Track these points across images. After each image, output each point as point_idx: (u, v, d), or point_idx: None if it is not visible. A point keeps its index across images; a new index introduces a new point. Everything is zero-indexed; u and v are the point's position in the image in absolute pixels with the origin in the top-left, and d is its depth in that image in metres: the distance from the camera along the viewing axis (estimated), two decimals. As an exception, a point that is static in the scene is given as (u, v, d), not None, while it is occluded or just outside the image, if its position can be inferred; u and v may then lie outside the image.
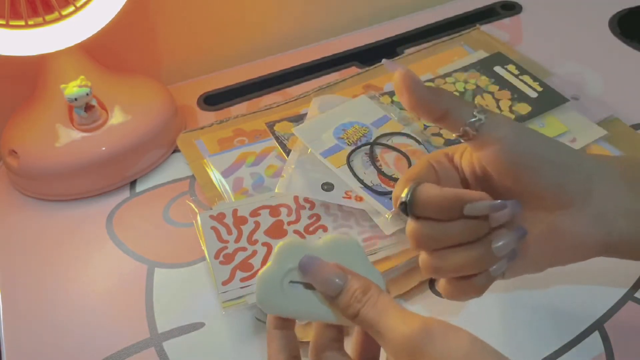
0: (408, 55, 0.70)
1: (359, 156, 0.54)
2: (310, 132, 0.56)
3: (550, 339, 0.45)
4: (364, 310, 0.33)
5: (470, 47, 0.70)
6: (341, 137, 0.55)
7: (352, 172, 0.52)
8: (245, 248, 0.49)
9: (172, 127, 0.62)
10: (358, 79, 0.67)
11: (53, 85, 0.57)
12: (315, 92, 0.66)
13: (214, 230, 0.50)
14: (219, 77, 0.71)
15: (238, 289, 0.46)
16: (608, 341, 0.44)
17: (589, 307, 0.46)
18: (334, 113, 0.59)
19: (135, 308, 0.49)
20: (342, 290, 0.33)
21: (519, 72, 0.64)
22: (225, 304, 0.45)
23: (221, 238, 0.50)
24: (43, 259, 0.54)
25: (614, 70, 0.67)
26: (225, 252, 0.49)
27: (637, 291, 0.47)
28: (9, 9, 0.51)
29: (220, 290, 0.46)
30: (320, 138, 0.56)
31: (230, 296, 0.46)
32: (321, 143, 0.55)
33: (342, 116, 0.58)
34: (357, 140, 0.56)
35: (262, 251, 0.49)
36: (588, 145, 0.56)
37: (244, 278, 0.47)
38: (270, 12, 0.75)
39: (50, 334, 0.48)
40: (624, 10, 0.75)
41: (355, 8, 0.79)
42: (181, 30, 0.71)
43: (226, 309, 0.45)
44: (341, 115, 0.58)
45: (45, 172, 0.57)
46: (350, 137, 0.56)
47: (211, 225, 0.50)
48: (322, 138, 0.56)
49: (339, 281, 0.33)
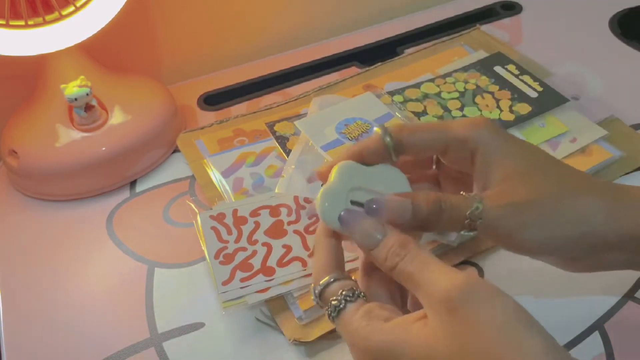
0: (408, 55, 0.70)
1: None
2: (312, 125, 0.58)
3: (550, 339, 0.45)
4: (402, 264, 0.33)
5: (470, 47, 0.70)
6: (343, 132, 0.56)
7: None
8: (245, 248, 0.49)
9: (172, 127, 0.62)
10: (358, 79, 0.67)
11: (53, 85, 0.57)
12: (315, 92, 0.66)
13: (214, 230, 0.50)
14: (219, 77, 0.71)
15: (238, 289, 0.46)
16: (608, 341, 0.44)
17: (589, 307, 0.46)
18: (338, 108, 0.60)
19: (135, 308, 0.49)
20: (379, 244, 0.34)
21: (519, 72, 0.64)
22: (225, 304, 0.45)
23: (221, 238, 0.50)
24: (43, 259, 0.54)
25: (614, 70, 0.67)
26: (225, 252, 0.49)
27: (637, 291, 0.47)
28: (9, 9, 0.51)
29: (221, 290, 0.46)
30: (323, 132, 0.57)
31: (230, 296, 0.46)
32: (323, 137, 0.56)
33: (346, 112, 0.59)
34: (358, 135, 0.56)
35: (262, 251, 0.49)
36: (588, 145, 0.56)
37: (244, 278, 0.47)
38: (270, 12, 0.75)
39: (50, 334, 0.48)
40: (624, 10, 0.75)
41: (355, 8, 0.79)
42: (181, 30, 0.71)
43: (226, 309, 0.45)
44: (345, 111, 0.59)
45: (45, 172, 0.57)
46: (352, 132, 0.56)
47: (211, 225, 0.50)
48: (325, 132, 0.57)
49: (377, 235, 0.34)
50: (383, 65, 0.69)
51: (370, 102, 0.60)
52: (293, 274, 0.47)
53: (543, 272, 0.49)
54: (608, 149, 0.56)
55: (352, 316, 0.33)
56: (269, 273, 0.47)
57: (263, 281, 0.47)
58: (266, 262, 0.48)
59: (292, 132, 0.59)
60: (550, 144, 0.57)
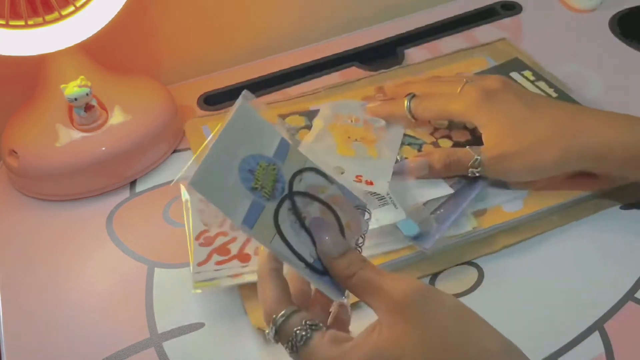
0: (427, 61, 0.69)
1: (285, 216, 0.37)
2: (214, 183, 0.35)
3: (550, 339, 0.45)
4: (363, 272, 0.36)
5: (492, 59, 0.68)
6: (254, 187, 0.36)
7: (287, 244, 0.37)
8: (226, 233, 0.50)
9: (172, 127, 0.62)
10: (370, 80, 0.67)
11: (53, 85, 0.57)
12: (324, 88, 0.66)
13: (200, 213, 0.51)
14: (219, 77, 0.71)
15: (212, 271, 0.47)
16: (608, 341, 0.44)
17: (589, 307, 0.46)
18: (226, 138, 0.36)
19: (135, 308, 0.49)
20: (346, 252, 0.37)
21: (535, 78, 0.63)
22: (197, 284, 0.46)
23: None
24: (43, 259, 0.54)
25: (614, 70, 0.67)
26: (207, 234, 0.50)
27: (637, 291, 0.47)
28: (9, 9, 0.51)
29: (195, 270, 0.47)
30: (230, 194, 0.35)
31: (203, 277, 0.47)
32: (232, 200, 0.35)
33: (238, 145, 0.37)
34: (272, 189, 0.37)
35: (243, 238, 0.49)
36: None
37: (219, 262, 0.48)
38: (270, 12, 0.75)
39: (50, 334, 0.48)
40: (624, 10, 0.75)
41: (355, 8, 0.79)
42: (181, 30, 0.71)
43: (197, 290, 0.47)
44: (236, 144, 0.37)
45: (45, 172, 0.57)
46: (264, 184, 0.37)
47: (199, 208, 0.51)
48: (231, 193, 0.35)
49: (343, 245, 0.37)
50: (400, 69, 0.68)
51: (251, 123, 0.38)
52: None
53: (543, 272, 0.49)
54: None
55: (319, 344, 0.35)
56: (244, 259, 0.48)
57: (238, 267, 0.47)
58: (244, 249, 0.49)
59: (302, 124, 0.60)
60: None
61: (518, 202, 0.52)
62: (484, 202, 0.52)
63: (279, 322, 0.36)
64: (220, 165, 0.36)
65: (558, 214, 0.52)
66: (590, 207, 0.53)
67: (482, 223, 0.51)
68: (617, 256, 0.50)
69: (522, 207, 0.52)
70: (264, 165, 0.37)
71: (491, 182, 0.53)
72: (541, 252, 0.50)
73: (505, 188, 0.53)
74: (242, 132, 0.37)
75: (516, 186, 0.53)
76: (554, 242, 0.51)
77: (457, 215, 0.50)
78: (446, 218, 0.50)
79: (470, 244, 0.50)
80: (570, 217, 0.52)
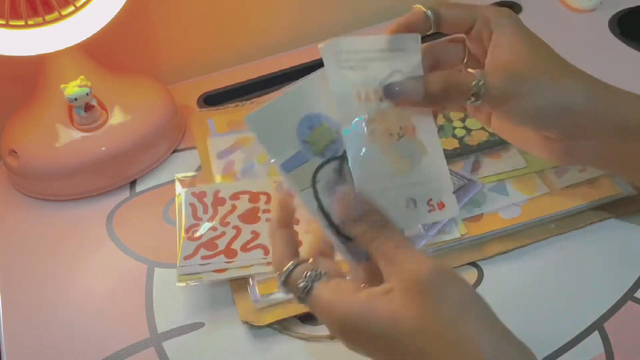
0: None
1: (326, 175, 0.37)
2: (268, 125, 0.36)
3: (550, 339, 0.45)
4: (382, 240, 0.34)
5: None
6: (306, 140, 0.36)
7: (317, 199, 0.36)
8: (215, 228, 0.50)
9: (172, 127, 0.62)
10: None
11: (53, 85, 0.57)
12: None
13: (192, 207, 0.52)
14: (218, 77, 0.71)
15: (197, 265, 0.48)
16: (608, 341, 0.44)
17: (589, 307, 0.46)
18: (298, 93, 0.38)
19: (135, 308, 0.49)
20: (362, 217, 0.35)
21: None
22: (181, 277, 0.47)
23: (196, 215, 0.51)
24: (43, 259, 0.54)
25: (614, 70, 0.67)
26: (196, 229, 0.50)
27: (636, 291, 0.47)
28: (9, 9, 0.51)
29: (181, 264, 0.47)
30: (279, 137, 0.36)
31: (188, 271, 0.47)
32: (279, 143, 0.36)
33: (309, 101, 0.37)
34: (324, 148, 0.37)
35: (231, 234, 0.50)
36: (597, 178, 0.54)
37: (205, 256, 0.48)
38: (270, 13, 0.75)
39: (50, 334, 0.48)
40: (624, 10, 0.75)
41: (355, 8, 0.79)
42: (181, 30, 0.71)
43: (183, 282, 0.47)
44: (307, 100, 0.37)
45: (45, 172, 0.57)
46: (316, 141, 0.37)
47: (190, 202, 0.52)
48: (281, 137, 0.36)
49: (360, 209, 0.35)
50: None
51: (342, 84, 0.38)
52: (254, 260, 0.48)
53: (543, 273, 0.49)
54: (619, 183, 0.53)
55: (320, 293, 0.35)
56: (230, 255, 0.48)
57: (223, 262, 0.48)
58: (231, 245, 0.49)
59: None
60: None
61: (515, 209, 0.51)
62: (480, 208, 0.52)
63: (283, 277, 0.36)
64: (282, 113, 0.37)
65: (556, 222, 0.51)
66: (588, 217, 0.51)
67: (478, 229, 0.50)
68: (617, 256, 0.50)
69: (519, 214, 0.51)
70: (326, 126, 0.37)
71: (489, 187, 0.51)
72: (541, 252, 0.50)
73: (504, 194, 0.52)
74: (321, 92, 0.38)
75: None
76: (554, 242, 0.51)
77: (445, 221, 0.49)
78: (434, 224, 0.49)
79: (472, 247, 0.50)
80: (568, 227, 0.51)
